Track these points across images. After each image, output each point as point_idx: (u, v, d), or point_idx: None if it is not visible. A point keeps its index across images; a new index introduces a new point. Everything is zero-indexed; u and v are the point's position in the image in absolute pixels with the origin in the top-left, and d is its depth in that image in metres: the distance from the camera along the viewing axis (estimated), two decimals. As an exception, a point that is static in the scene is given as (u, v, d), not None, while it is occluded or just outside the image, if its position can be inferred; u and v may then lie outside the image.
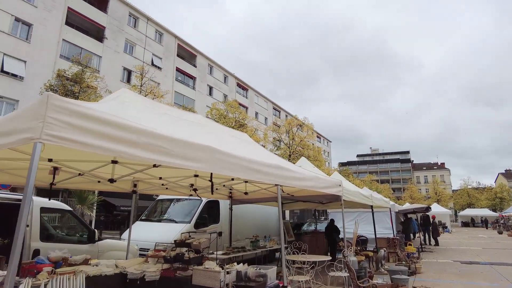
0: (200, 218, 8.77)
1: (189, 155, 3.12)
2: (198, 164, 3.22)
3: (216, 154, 3.40)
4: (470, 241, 21.90)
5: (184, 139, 3.14)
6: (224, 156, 3.50)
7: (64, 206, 5.98)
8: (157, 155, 2.79)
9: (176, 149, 2.99)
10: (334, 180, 7.11)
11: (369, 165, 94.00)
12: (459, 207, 59.62)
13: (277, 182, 4.60)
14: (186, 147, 3.11)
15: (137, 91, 17.97)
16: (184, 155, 3.06)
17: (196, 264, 4.53)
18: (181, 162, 3.03)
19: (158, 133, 2.82)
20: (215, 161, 3.39)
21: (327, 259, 6.92)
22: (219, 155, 3.43)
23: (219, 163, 3.42)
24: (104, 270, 4.76)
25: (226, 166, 3.51)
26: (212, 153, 3.36)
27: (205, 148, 3.29)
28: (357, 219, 14.82)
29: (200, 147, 3.26)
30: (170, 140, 2.93)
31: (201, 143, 3.29)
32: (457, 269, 10.45)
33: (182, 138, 3.12)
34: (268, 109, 56.17)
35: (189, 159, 3.12)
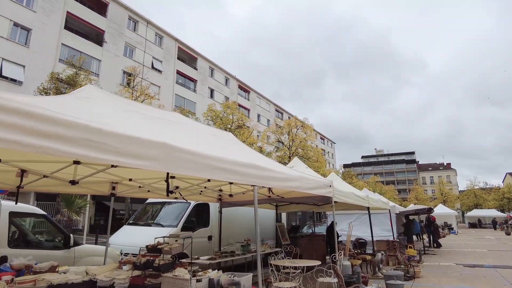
0: (187, 222, 8.47)
1: (139, 153, 2.82)
2: (150, 162, 2.92)
3: (173, 151, 3.10)
4: (476, 243, 21.32)
5: (133, 135, 2.85)
6: (184, 154, 3.20)
7: (37, 210, 5.73)
8: (95, 152, 2.50)
9: (121, 145, 2.70)
10: (323, 181, 6.78)
11: (374, 166, 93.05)
12: (466, 208, 58.64)
13: (254, 182, 4.28)
14: (135, 144, 2.82)
15: (129, 92, 17.82)
16: (132, 153, 2.77)
17: (166, 271, 4.23)
18: (127, 160, 2.74)
19: (96, 128, 2.53)
20: (172, 159, 3.09)
21: (317, 263, 6.57)
22: (177, 153, 3.14)
23: (177, 162, 3.13)
24: (71, 277, 4.47)
25: (186, 165, 3.21)
26: (169, 150, 3.06)
27: (159, 145, 3.00)
28: (352, 221, 14.45)
29: (154, 144, 2.96)
30: (113, 136, 2.64)
31: (155, 140, 3.00)
32: (459, 273, 10.02)
33: (131, 134, 2.83)
34: (271, 111, 55.90)
35: (138, 157, 2.82)
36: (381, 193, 41.99)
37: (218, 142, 5.17)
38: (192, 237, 8.56)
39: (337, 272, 5.66)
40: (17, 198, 4.82)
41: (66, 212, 11.84)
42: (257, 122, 49.31)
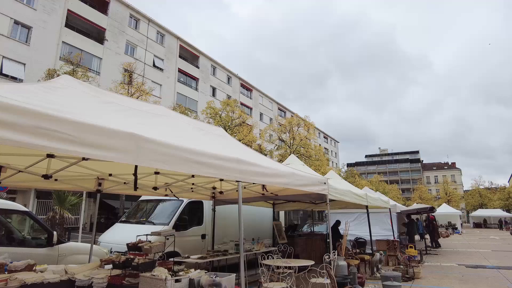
0: (180, 220, 8.27)
1: (102, 144, 2.62)
2: (117, 154, 2.72)
3: (142, 143, 2.89)
4: (480, 243, 20.93)
5: (98, 124, 2.64)
6: (153, 146, 2.99)
7: (19, 207, 5.56)
8: (51, 141, 2.30)
9: (83, 135, 2.50)
10: (317, 178, 6.55)
11: (378, 165, 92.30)
12: (471, 207, 57.94)
13: (237, 178, 4.07)
14: (99, 134, 2.61)
15: (124, 89, 17.64)
16: (94, 143, 2.56)
17: (146, 271, 4.03)
18: (89, 151, 2.54)
19: (52, 115, 2.33)
20: (142, 151, 2.88)
21: (310, 263, 6.33)
22: (147, 145, 2.93)
23: (147, 154, 2.92)
24: (48, 277, 4.29)
25: (158, 157, 3.00)
26: (137, 141, 2.85)
27: (127, 136, 2.79)
28: (352, 220, 14.19)
29: (121, 135, 2.76)
30: (72, 124, 2.44)
31: (122, 130, 2.79)
32: (460, 273, 9.73)
33: (95, 123, 2.62)
34: (273, 109, 55.61)
35: (102, 148, 2.61)
36: (384, 192, 41.57)
37: (203, 136, 4.96)
38: (185, 236, 8.43)
39: (329, 273, 5.43)
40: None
41: (58, 209, 11.68)
42: (260, 120, 49.09)
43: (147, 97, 18.73)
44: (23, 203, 23.36)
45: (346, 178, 41.52)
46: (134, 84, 17.58)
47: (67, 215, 11.64)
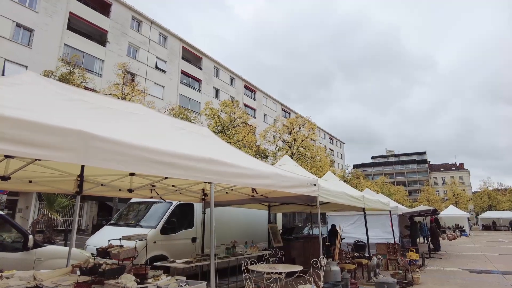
0: (168, 223, 8.04)
1: (46, 142, 2.40)
2: (62, 153, 2.49)
3: (92, 141, 2.65)
4: (487, 246, 20.35)
5: (39, 121, 2.42)
6: (107, 145, 2.75)
7: (-8, 209, 5.39)
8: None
9: (20, 133, 2.28)
10: (305, 179, 6.26)
11: (384, 166, 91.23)
12: (480, 209, 56.85)
13: (209, 179, 3.82)
14: (41, 132, 2.39)
15: (118, 90, 17.55)
16: (35, 142, 2.34)
17: (112, 277, 3.79)
18: (27, 150, 2.31)
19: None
20: (92, 150, 2.64)
21: (299, 269, 6.05)
22: (98, 143, 2.69)
23: (98, 154, 2.68)
24: (13, 283, 4.08)
25: (110, 157, 2.76)
26: (86, 140, 2.62)
27: (73, 134, 2.56)
28: (353, 223, 13.85)
29: (67, 133, 2.53)
30: (7, 121, 2.22)
31: (69, 127, 2.56)
32: (462, 279, 9.33)
33: (36, 120, 2.40)
34: (277, 110, 55.30)
35: (45, 147, 2.39)
36: (389, 194, 40.94)
37: (180, 136, 4.72)
38: (174, 239, 8.20)
39: (314, 280, 5.14)
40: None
41: (47, 212, 11.55)
42: (264, 122, 48.83)
43: (141, 97, 18.61)
44: (25, 205, 23.45)
45: (350, 179, 41.00)
46: (128, 84, 17.49)
47: (56, 217, 11.50)
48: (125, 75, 19.61)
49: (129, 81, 20.83)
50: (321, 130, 67.14)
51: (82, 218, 27.19)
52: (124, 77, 18.75)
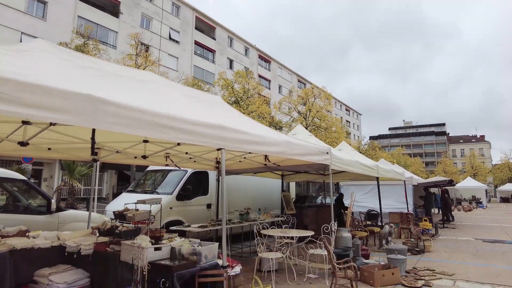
0: (183, 190, 8.28)
1: (54, 106, 2.46)
2: (73, 116, 2.56)
3: (101, 105, 2.71)
4: (503, 218, 20.13)
5: (52, 86, 2.47)
6: (116, 109, 2.80)
7: (16, 175, 5.66)
8: None
9: (28, 96, 2.34)
10: (317, 147, 6.24)
11: (402, 138, 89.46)
12: (499, 181, 55.67)
13: (218, 145, 3.86)
14: (53, 96, 2.46)
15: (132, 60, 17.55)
16: (44, 105, 2.40)
17: (128, 238, 3.99)
18: (38, 113, 2.38)
19: None
20: (100, 114, 2.70)
21: (310, 234, 6.19)
22: (106, 107, 2.74)
23: (107, 117, 2.73)
24: (39, 242, 4.37)
25: (119, 121, 2.81)
26: (95, 104, 2.67)
27: (82, 98, 2.61)
28: (367, 193, 13.88)
29: (75, 96, 2.58)
30: (14, 84, 2.27)
31: (77, 91, 2.60)
32: (475, 248, 9.34)
33: (49, 85, 2.45)
34: (293, 81, 54.31)
35: (53, 110, 2.45)
36: (405, 166, 40.48)
37: (191, 103, 4.74)
38: (189, 205, 8.47)
39: (325, 244, 5.25)
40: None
41: (68, 179, 12.05)
42: (278, 93, 48.23)
43: (155, 68, 18.53)
44: (49, 175, 24.52)
45: (366, 151, 40.63)
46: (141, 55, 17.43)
47: (76, 184, 12.01)
48: (138, 46, 19.51)
49: (143, 51, 20.74)
50: (338, 101, 65.92)
51: (102, 187, 28.31)
52: (137, 47, 18.67)
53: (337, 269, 5.04)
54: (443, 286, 5.53)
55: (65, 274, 4.14)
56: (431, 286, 5.53)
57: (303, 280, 5.76)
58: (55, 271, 4.15)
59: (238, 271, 3.93)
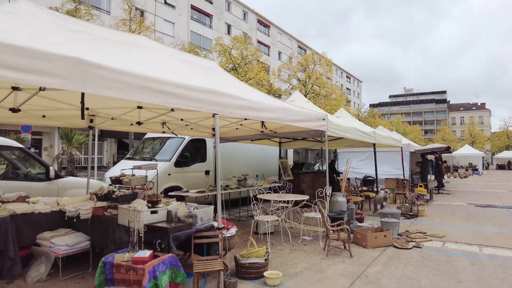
0: (181, 157, 8.35)
1: (42, 69, 2.40)
2: (60, 80, 2.50)
3: (90, 68, 2.65)
4: (498, 184, 20.50)
5: (33, 47, 2.40)
6: (105, 72, 2.74)
7: (13, 143, 5.68)
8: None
9: (13, 59, 2.27)
10: (313, 113, 6.21)
11: (402, 106, 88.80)
12: (496, 149, 56.10)
13: (212, 110, 3.83)
14: (35, 58, 2.38)
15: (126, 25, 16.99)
16: (29, 68, 2.35)
17: (125, 203, 4.07)
18: (22, 76, 2.33)
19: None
20: (89, 77, 2.65)
21: (305, 198, 6.32)
22: (95, 70, 2.68)
23: (96, 81, 2.68)
24: (39, 207, 4.47)
25: (108, 85, 2.76)
26: (83, 67, 2.61)
27: (69, 61, 2.54)
28: (364, 159, 14.02)
29: (62, 59, 2.51)
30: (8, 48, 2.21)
31: (65, 54, 2.54)
32: (467, 212, 9.58)
33: (30, 46, 2.38)
34: (293, 47, 52.99)
35: (40, 74, 2.40)
36: (404, 133, 40.55)
37: (184, 68, 4.64)
38: (187, 172, 8.58)
39: (319, 208, 5.38)
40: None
41: (66, 148, 12.10)
42: (278, 60, 47.24)
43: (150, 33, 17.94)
44: (49, 144, 24.60)
45: (366, 118, 40.53)
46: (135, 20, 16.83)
47: (75, 152, 12.07)
48: (132, 10, 18.77)
49: (137, 16, 19.97)
50: (338, 68, 64.78)
51: (103, 156, 28.53)
52: (130, 12, 17.98)
53: (331, 231, 5.20)
54: (433, 247, 5.73)
55: (66, 237, 4.27)
56: (421, 247, 5.73)
57: (298, 242, 5.96)
58: (56, 234, 4.28)
59: (233, 233, 4.05)
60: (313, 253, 5.26)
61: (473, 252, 5.44)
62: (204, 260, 3.64)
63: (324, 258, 4.96)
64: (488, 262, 4.91)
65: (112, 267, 3.04)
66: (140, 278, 2.87)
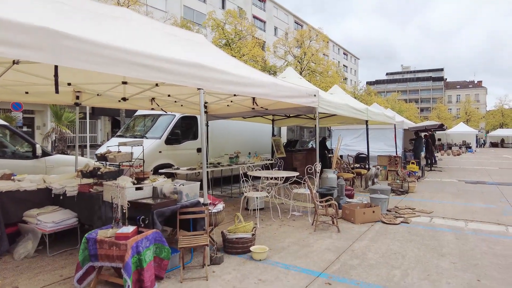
0: (172, 134, 8.28)
1: (9, 40, 2.28)
2: (28, 52, 2.39)
3: (63, 40, 2.52)
4: (489, 161, 20.73)
5: (5, 18, 2.27)
6: (80, 44, 2.62)
7: (-3, 120, 5.56)
8: None
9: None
10: (304, 89, 6.11)
11: (399, 83, 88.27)
12: (491, 127, 56.45)
13: (196, 84, 3.73)
14: (6, 29, 2.27)
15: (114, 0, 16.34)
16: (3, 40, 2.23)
17: (110, 179, 4.04)
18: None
19: None
20: (63, 49, 2.53)
21: (295, 174, 6.33)
22: (69, 42, 2.56)
23: (70, 53, 2.57)
24: (24, 185, 4.42)
25: (84, 57, 2.65)
26: (56, 38, 2.49)
27: (40, 31, 2.42)
28: (357, 136, 14.03)
29: (32, 30, 2.39)
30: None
31: (34, 24, 2.41)
32: (457, 189, 9.71)
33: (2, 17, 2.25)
34: (289, 23, 51.79)
35: (7, 44, 2.29)
36: (400, 111, 40.53)
37: (170, 42, 4.49)
38: (178, 149, 8.54)
39: (307, 184, 5.40)
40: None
41: (56, 126, 11.95)
42: (274, 35, 46.27)
43: (139, 7, 17.34)
44: (41, 123, 24.30)
45: (361, 96, 40.32)
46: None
47: (65, 130, 11.93)
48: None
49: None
50: (335, 45, 63.76)
51: (97, 134, 28.35)
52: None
53: (319, 206, 5.24)
54: (420, 222, 5.82)
55: (53, 214, 4.25)
56: (409, 222, 5.82)
57: (287, 217, 6.02)
58: (43, 211, 4.26)
59: (220, 209, 4.05)
60: (301, 228, 5.32)
61: (458, 227, 5.54)
62: (190, 235, 3.65)
63: (312, 233, 5.02)
64: (472, 236, 5.00)
65: (95, 243, 3.04)
66: (123, 254, 2.88)
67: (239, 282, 3.30)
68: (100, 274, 3.15)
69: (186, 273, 3.50)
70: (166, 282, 3.32)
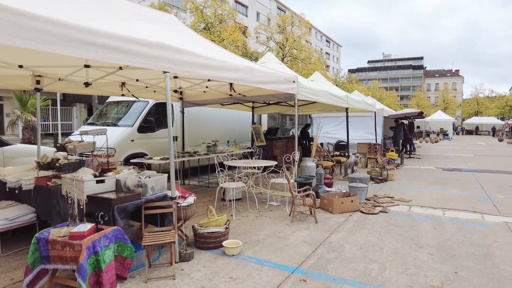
0: (145, 122, 7.89)
1: None
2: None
3: (8, 15, 2.16)
4: (465, 148, 21.26)
5: None
6: (21, 19, 2.25)
7: None
8: None
9: None
10: (283, 75, 5.85)
11: (380, 71, 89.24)
12: (466, 115, 58.13)
13: (163, 68, 3.42)
14: None
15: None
16: None
17: (70, 171, 3.70)
18: None
19: None
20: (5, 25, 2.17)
21: (273, 164, 6.13)
22: (8, 16, 2.19)
23: (8, 29, 2.20)
24: (-26, 177, 4.03)
25: (26, 34, 2.29)
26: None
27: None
28: (338, 124, 13.98)
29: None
30: None
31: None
32: (435, 176, 9.80)
33: None
34: (272, 8, 50.95)
35: None
36: (380, 99, 40.97)
37: (135, 21, 4.11)
38: (152, 138, 8.17)
39: (285, 173, 5.20)
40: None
41: (20, 113, 11.25)
42: (256, 21, 45.43)
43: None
44: (11, 110, 23.08)
45: (343, 83, 40.43)
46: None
47: (30, 118, 11.25)
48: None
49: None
50: (318, 31, 63.44)
51: (72, 122, 27.28)
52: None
53: (297, 197, 5.07)
54: (399, 212, 5.77)
55: (7, 210, 3.89)
56: (387, 212, 5.75)
57: (264, 208, 5.84)
58: (-4, 206, 3.89)
59: (191, 202, 3.80)
60: (278, 219, 5.15)
61: (436, 215, 5.51)
62: (156, 232, 3.40)
63: (289, 224, 4.86)
64: (449, 225, 4.96)
65: (47, 244, 2.74)
66: (77, 255, 2.60)
67: (208, 281, 3.09)
68: (54, 277, 2.86)
69: (152, 271, 3.26)
70: (129, 282, 3.07)
